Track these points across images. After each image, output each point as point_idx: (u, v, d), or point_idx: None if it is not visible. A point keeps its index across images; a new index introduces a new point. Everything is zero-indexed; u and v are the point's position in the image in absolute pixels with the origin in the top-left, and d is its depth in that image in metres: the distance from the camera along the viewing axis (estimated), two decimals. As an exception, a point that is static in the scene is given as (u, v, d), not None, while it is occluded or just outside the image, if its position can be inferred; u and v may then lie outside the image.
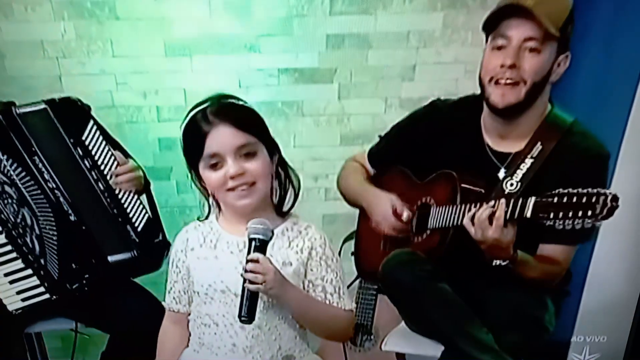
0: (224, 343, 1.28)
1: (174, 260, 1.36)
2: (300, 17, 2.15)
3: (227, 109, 1.22)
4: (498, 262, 1.42)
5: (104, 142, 1.74)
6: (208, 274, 1.28)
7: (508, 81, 1.46)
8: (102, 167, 1.74)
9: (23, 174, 1.62)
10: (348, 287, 1.40)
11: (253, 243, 1.18)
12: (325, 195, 2.44)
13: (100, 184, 1.72)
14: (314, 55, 2.22)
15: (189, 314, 1.37)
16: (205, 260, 1.29)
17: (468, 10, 2.16)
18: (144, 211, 1.79)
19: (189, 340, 1.37)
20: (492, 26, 1.48)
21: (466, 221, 1.41)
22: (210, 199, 1.30)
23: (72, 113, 1.73)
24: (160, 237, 1.82)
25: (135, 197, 1.78)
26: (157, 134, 2.29)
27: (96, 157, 1.72)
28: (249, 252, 1.18)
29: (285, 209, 1.31)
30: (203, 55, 2.17)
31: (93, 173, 1.71)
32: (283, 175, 1.30)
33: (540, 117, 1.52)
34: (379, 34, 2.20)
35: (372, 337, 2.16)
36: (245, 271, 1.16)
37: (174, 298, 1.37)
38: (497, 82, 1.48)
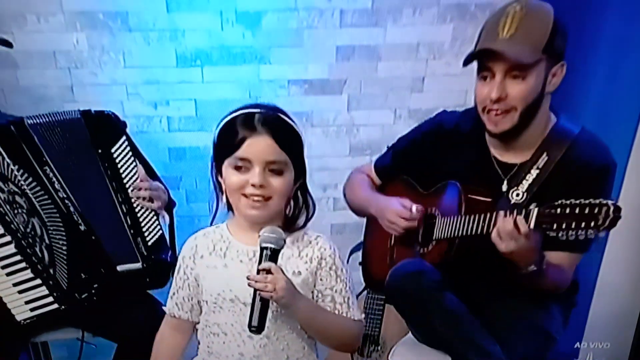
0: (232, 352, 1.28)
1: (181, 266, 1.35)
2: (311, 29, 2.17)
3: (275, 122, 1.21)
4: (530, 268, 1.40)
5: (132, 158, 1.78)
6: (217, 282, 1.28)
7: (498, 112, 1.47)
8: (125, 180, 1.77)
9: (34, 184, 1.64)
10: (357, 297, 1.41)
11: (265, 252, 1.18)
12: (333, 205, 2.45)
13: (120, 195, 1.75)
14: (324, 66, 2.23)
15: (194, 323, 1.36)
16: (214, 269, 1.29)
17: (477, 22, 2.15)
18: (157, 227, 1.82)
19: (183, 349, 1.38)
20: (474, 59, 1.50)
21: (494, 235, 1.38)
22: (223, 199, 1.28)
23: (105, 126, 1.77)
24: (169, 256, 1.83)
25: (152, 213, 1.81)
26: (167, 144, 2.30)
27: (121, 170, 1.76)
28: (260, 261, 1.18)
29: (293, 227, 1.29)
30: (214, 66, 2.18)
31: (114, 184, 1.74)
32: (301, 200, 1.29)
33: (545, 126, 1.53)
34: (389, 46, 2.21)
35: (379, 347, 2.15)
36: (256, 281, 1.15)
37: (176, 304, 1.36)
38: (488, 112, 1.49)
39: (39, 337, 1.80)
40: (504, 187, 1.54)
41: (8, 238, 1.62)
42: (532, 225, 1.30)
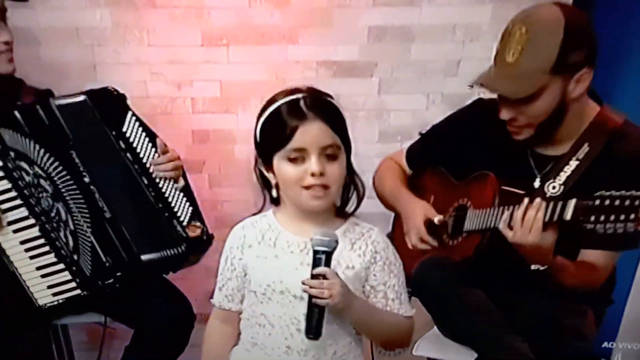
0: (278, 345, 1.26)
1: (229, 257, 1.32)
2: (342, 8, 2.09)
3: (323, 104, 1.19)
4: (537, 266, 1.38)
5: (143, 133, 1.71)
6: (267, 273, 1.25)
7: (517, 128, 1.47)
8: (144, 160, 1.71)
9: (59, 168, 1.63)
10: None
11: (317, 256, 1.15)
12: (360, 193, 2.39)
13: (144, 179, 1.70)
14: (354, 48, 2.15)
15: (240, 313, 1.34)
16: (264, 259, 1.26)
17: (518, 3, 2.04)
18: (187, 204, 1.76)
19: (238, 338, 1.35)
20: None
21: (502, 225, 1.37)
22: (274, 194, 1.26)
23: (111, 103, 1.70)
24: (205, 230, 1.79)
25: (178, 190, 1.75)
26: (190, 126, 2.25)
27: (137, 150, 1.70)
28: (314, 266, 1.16)
29: (345, 213, 1.28)
30: (240, 45, 2.12)
31: (136, 166, 1.69)
32: (349, 180, 1.25)
33: (586, 117, 1.47)
34: (424, 27, 2.13)
35: None
36: (311, 286, 1.14)
37: (226, 296, 1.34)
38: (509, 125, 1.48)
39: (60, 320, 1.81)
40: (537, 182, 1.50)
41: (32, 221, 1.64)
42: (568, 217, 1.26)
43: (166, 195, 1.74)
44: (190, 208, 1.77)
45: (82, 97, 1.67)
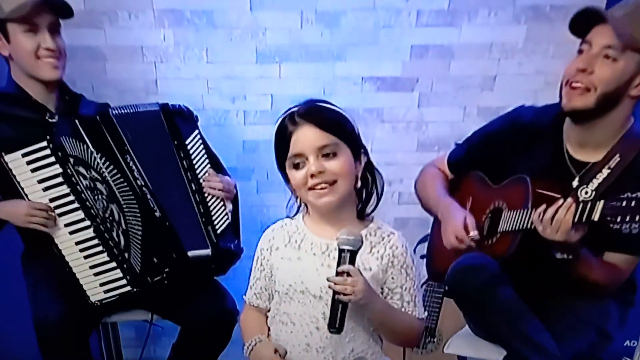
0: (299, 342, 1.32)
1: (259, 258, 1.39)
2: (387, 28, 2.21)
3: (311, 111, 1.26)
4: (562, 256, 1.45)
5: (203, 151, 1.86)
6: (290, 274, 1.31)
7: (577, 84, 1.50)
8: (198, 171, 1.84)
9: (114, 171, 1.71)
10: None
11: (343, 254, 1.20)
12: (398, 199, 2.50)
13: (193, 184, 1.82)
14: (397, 64, 2.27)
15: (268, 310, 1.41)
16: (288, 260, 1.33)
17: (551, 23, 2.18)
18: (225, 217, 1.88)
19: (269, 330, 1.41)
20: (580, 31, 1.53)
21: (535, 217, 1.44)
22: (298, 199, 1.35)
23: (181, 119, 1.85)
24: (234, 245, 1.90)
25: (222, 203, 1.87)
26: (242, 136, 2.37)
27: (194, 161, 1.83)
28: (339, 264, 1.20)
29: (366, 214, 1.34)
30: (291, 62, 2.24)
31: (189, 174, 1.82)
32: (370, 180, 1.33)
33: (621, 129, 1.55)
34: (462, 45, 2.24)
35: (435, 339, 2.20)
36: (335, 283, 1.18)
37: (254, 294, 1.42)
38: (569, 85, 1.52)
39: (109, 317, 1.87)
40: (575, 184, 1.56)
41: (87, 222, 1.73)
42: (597, 217, 1.33)
43: (209, 204, 1.85)
44: (228, 221, 1.88)
45: (156, 108, 1.81)
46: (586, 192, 1.53)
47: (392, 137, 2.40)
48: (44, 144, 1.67)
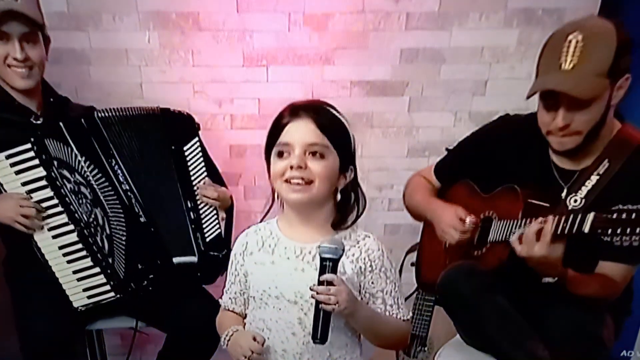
0: (275, 348, 1.30)
1: (233, 262, 1.39)
2: (376, 31, 2.18)
3: (314, 107, 1.26)
4: (548, 279, 1.43)
5: (201, 158, 1.84)
6: (263, 279, 1.30)
7: (564, 136, 1.48)
8: (193, 178, 1.82)
9: (99, 175, 1.69)
10: (406, 299, 1.41)
11: (324, 263, 1.18)
12: (388, 206, 2.47)
13: (186, 191, 1.80)
14: (387, 68, 2.25)
15: (244, 317, 1.40)
16: (262, 265, 1.31)
17: (544, 27, 2.15)
18: (217, 225, 1.86)
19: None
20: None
21: (513, 239, 1.42)
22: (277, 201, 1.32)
23: (181, 125, 1.84)
24: (224, 255, 1.87)
25: (214, 212, 1.86)
26: (229, 141, 2.35)
27: (190, 168, 1.82)
28: (321, 273, 1.18)
29: (344, 225, 1.30)
30: (279, 66, 2.22)
31: (183, 180, 1.80)
32: (353, 197, 1.31)
33: (608, 134, 1.51)
34: (453, 49, 2.22)
35: (426, 348, 2.16)
36: (318, 292, 1.16)
37: (230, 298, 1.41)
38: (554, 134, 1.50)
39: (94, 325, 1.85)
40: (564, 194, 1.53)
41: (71, 227, 1.70)
42: (587, 230, 1.30)
43: (201, 211, 1.83)
44: (219, 230, 1.86)
45: (157, 112, 1.79)
46: (575, 200, 1.50)
47: (382, 143, 2.37)
48: (28, 146, 1.64)
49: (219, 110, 2.29)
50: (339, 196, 1.28)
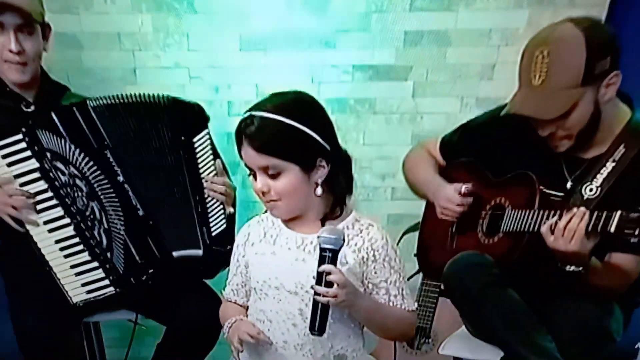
0: (276, 339, 1.29)
1: (235, 254, 1.38)
2: (379, 13, 2.12)
3: (252, 132, 1.19)
4: (571, 268, 1.40)
5: (210, 151, 1.76)
6: (264, 270, 1.29)
7: (557, 141, 1.48)
8: (201, 171, 1.74)
9: (94, 167, 1.64)
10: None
11: (324, 253, 1.16)
12: (391, 195, 2.41)
13: (194, 184, 1.73)
14: (391, 51, 2.18)
15: (246, 308, 1.38)
16: (262, 255, 1.30)
17: (555, 7, 2.08)
18: (223, 221, 1.80)
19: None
20: None
21: (544, 229, 1.39)
22: None
23: (193, 115, 1.74)
24: (228, 250, 1.78)
25: (221, 206, 1.79)
26: (226, 128, 2.23)
27: (199, 160, 1.73)
28: (320, 263, 1.16)
29: (336, 215, 1.28)
30: (278, 50, 2.15)
31: (190, 172, 1.72)
32: (338, 187, 1.26)
33: (618, 119, 1.49)
34: (460, 31, 2.15)
35: (430, 340, 2.14)
36: (317, 283, 1.15)
37: (232, 289, 1.42)
38: (547, 139, 1.50)
39: (92, 317, 1.84)
40: (569, 184, 1.51)
41: (67, 220, 1.66)
42: (612, 229, 1.28)
43: (207, 205, 1.77)
44: (224, 226, 1.80)
45: (169, 101, 1.69)
46: (591, 190, 1.46)
47: (385, 129, 2.31)
48: (20, 136, 1.60)
49: (215, 96, 2.23)
50: (318, 190, 1.23)
